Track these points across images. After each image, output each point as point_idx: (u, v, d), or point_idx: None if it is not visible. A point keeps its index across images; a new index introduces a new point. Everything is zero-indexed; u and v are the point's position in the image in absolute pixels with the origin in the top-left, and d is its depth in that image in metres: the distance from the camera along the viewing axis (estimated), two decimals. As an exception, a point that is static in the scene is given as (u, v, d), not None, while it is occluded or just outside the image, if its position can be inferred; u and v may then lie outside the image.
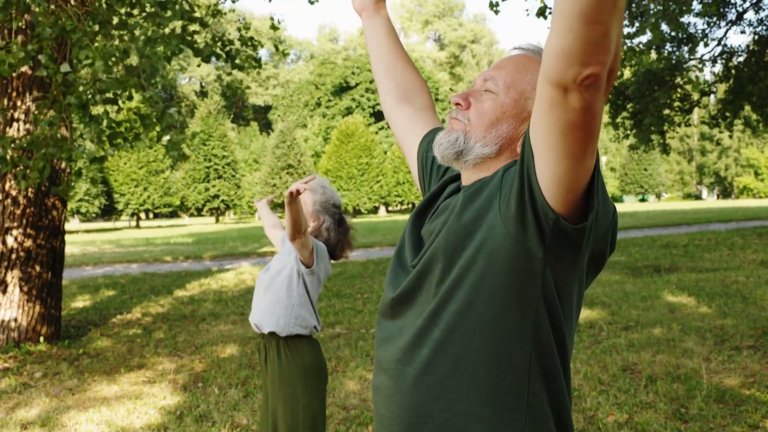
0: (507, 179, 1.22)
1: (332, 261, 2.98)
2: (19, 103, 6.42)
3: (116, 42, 5.79)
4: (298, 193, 2.49)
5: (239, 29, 7.95)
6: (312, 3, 8.96)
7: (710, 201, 60.79)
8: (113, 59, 5.59)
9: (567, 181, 1.09)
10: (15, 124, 6.40)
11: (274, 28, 7.80)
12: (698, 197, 69.49)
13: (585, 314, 7.01)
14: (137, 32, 5.94)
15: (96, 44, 5.42)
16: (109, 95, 5.94)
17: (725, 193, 67.86)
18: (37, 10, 5.49)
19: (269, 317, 2.76)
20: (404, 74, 1.68)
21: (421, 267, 1.29)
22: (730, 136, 19.23)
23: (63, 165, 6.65)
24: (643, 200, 62.48)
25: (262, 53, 75.60)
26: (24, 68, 6.34)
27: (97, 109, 6.01)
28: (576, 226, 1.13)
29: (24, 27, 6.18)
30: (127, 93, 5.99)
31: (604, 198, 1.16)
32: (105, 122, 5.82)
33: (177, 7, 6.23)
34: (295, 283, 2.78)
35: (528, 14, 11.41)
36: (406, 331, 1.29)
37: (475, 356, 1.20)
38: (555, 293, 1.19)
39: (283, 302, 2.76)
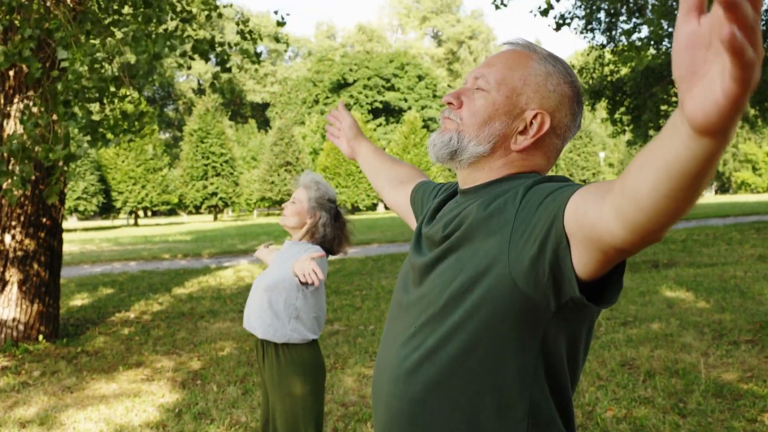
0: (519, 224, 1.14)
1: (331, 257, 2.96)
2: (15, 100, 6.41)
3: (109, 40, 5.74)
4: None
5: (238, 23, 7.94)
6: None
7: (708, 196, 60.82)
8: (98, 58, 5.53)
9: (598, 273, 1.05)
10: (11, 123, 6.38)
11: (279, 24, 7.76)
12: (696, 192, 69.42)
13: (583, 310, 7.01)
14: (127, 29, 5.91)
15: (82, 44, 5.37)
16: (92, 95, 5.90)
17: (723, 188, 67.95)
18: (23, 1, 5.45)
19: (265, 327, 2.73)
20: (392, 168, 1.87)
21: (426, 288, 1.28)
22: (728, 132, 19.22)
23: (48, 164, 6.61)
24: (641, 196, 62.41)
25: (260, 50, 75.42)
26: (23, 66, 6.33)
27: (77, 108, 5.95)
28: (599, 306, 1.09)
29: (15, 25, 6.16)
30: (114, 90, 5.95)
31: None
32: (84, 121, 5.78)
33: (167, 6, 6.19)
34: (293, 297, 2.75)
35: (534, 15, 11.38)
36: (402, 362, 1.27)
37: (473, 400, 1.19)
38: (556, 342, 1.18)
39: (280, 314, 2.72)
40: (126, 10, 6.58)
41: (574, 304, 1.10)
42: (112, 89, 5.93)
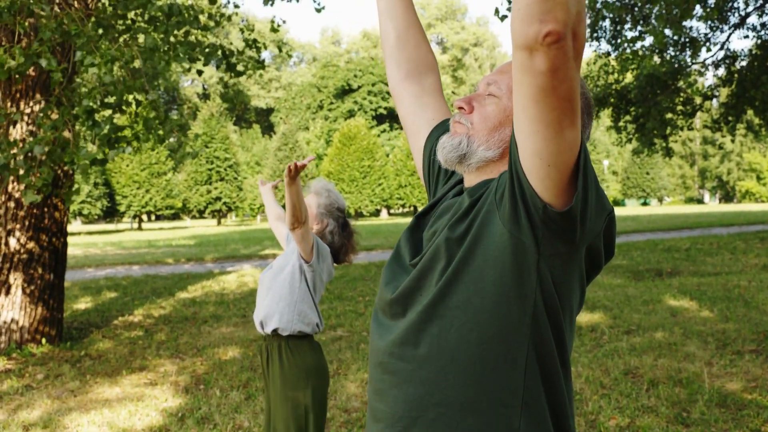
0: (503, 177, 1.22)
1: (335, 264, 2.98)
2: (22, 105, 6.43)
3: (122, 47, 5.78)
4: (297, 169, 2.49)
5: (242, 30, 7.97)
6: (318, 11, 8.99)
7: (712, 205, 60.69)
8: (118, 63, 5.58)
9: (547, 154, 1.08)
10: (18, 127, 6.41)
11: (273, 30, 7.84)
12: (700, 201, 69.39)
13: (587, 318, 7.00)
14: (141, 38, 5.95)
15: (101, 50, 5.42)
16: (112, 100, 5.94)
17: (727, 197, 67.79)
18: (42, 13, 5.50)
19: (272, 314, 2.77)
20: (417, 48, 1.59)
21: (422, 266, 1.28)
22: (733, 140, 19.20)
23: (66, 168, 6.65)
24: (645, 204, 62.39)
25: (265, 55, 75.71)
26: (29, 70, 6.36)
27: (101, 115, 6.00)
28: (562, 210, 1.12)
29: (29, 31, 6.20)
30: (132, 97, 6.00)
31: (597, 187, 1.16)
32: (108, 127, 5.83)
33: (185, 14, 6.23)
34: (297, 279, 2.79)
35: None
36: (401, 325, 1.28)
37: (471, 351, 1.20)
38: (553, 289, 1.19)
39: (285, 299, 2.77)
40: (131, 15, 6.61)
41: (548, 229, 1.14)
42: (136, 96, 5.96)
